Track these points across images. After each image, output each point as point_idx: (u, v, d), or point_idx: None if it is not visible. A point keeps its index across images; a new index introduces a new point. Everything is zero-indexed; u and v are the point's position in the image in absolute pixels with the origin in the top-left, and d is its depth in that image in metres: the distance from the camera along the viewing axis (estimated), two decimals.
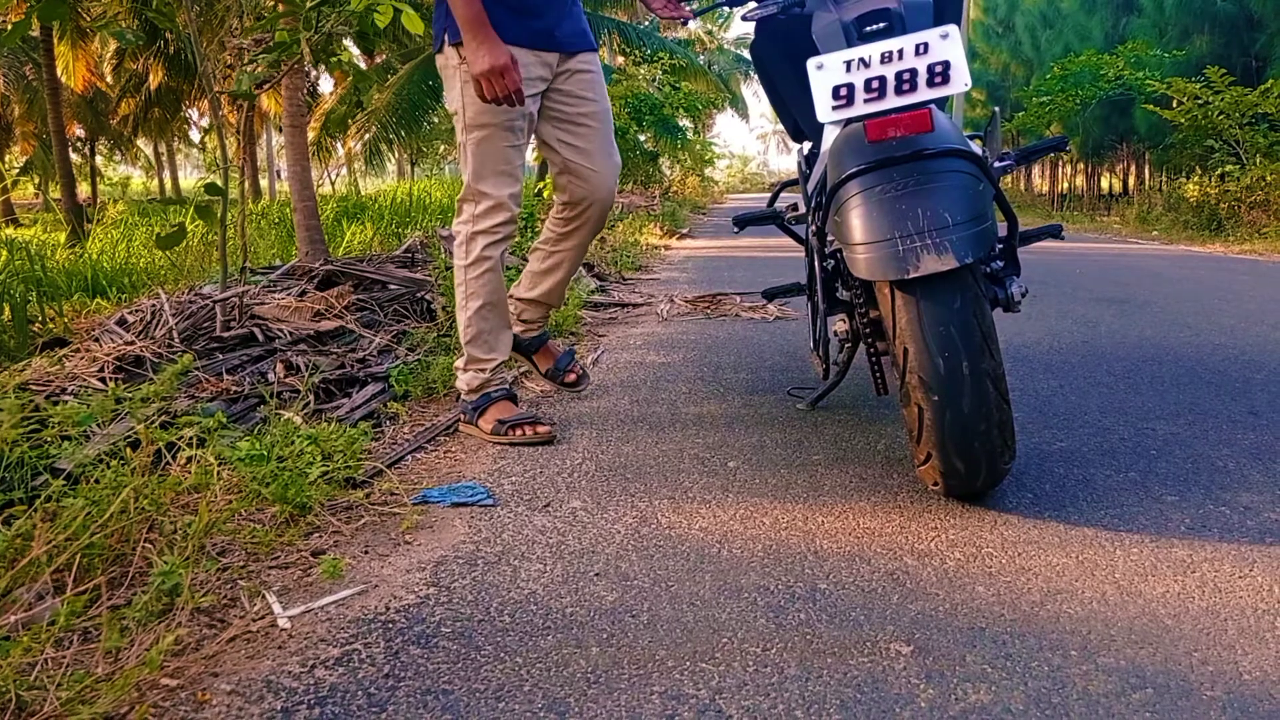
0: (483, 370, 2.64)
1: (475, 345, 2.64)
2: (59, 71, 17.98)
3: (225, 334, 3.18)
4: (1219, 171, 11.09)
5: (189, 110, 29.47)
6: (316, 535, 1.91)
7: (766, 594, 1.62)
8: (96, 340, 3.37)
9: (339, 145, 22.05)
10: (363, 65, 15.84)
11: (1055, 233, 2.57)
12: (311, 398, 2.76)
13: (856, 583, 1.66)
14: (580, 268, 6.35)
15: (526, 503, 2.11)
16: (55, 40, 17.57)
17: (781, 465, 2.34)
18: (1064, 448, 2.43)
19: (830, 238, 2.03)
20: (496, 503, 2.10)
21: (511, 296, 2.86)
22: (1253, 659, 1.38)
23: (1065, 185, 31.29)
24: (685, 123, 21.35)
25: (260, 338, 3.30)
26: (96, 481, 1.74)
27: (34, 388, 2.46)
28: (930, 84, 1.78)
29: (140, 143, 32.20)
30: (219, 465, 1.93)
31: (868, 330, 2.09)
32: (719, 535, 1.89)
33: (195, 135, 36.86)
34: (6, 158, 30.73)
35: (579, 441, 2.60)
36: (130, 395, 2.13)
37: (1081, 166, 26.38)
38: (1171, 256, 8.70)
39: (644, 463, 2.39)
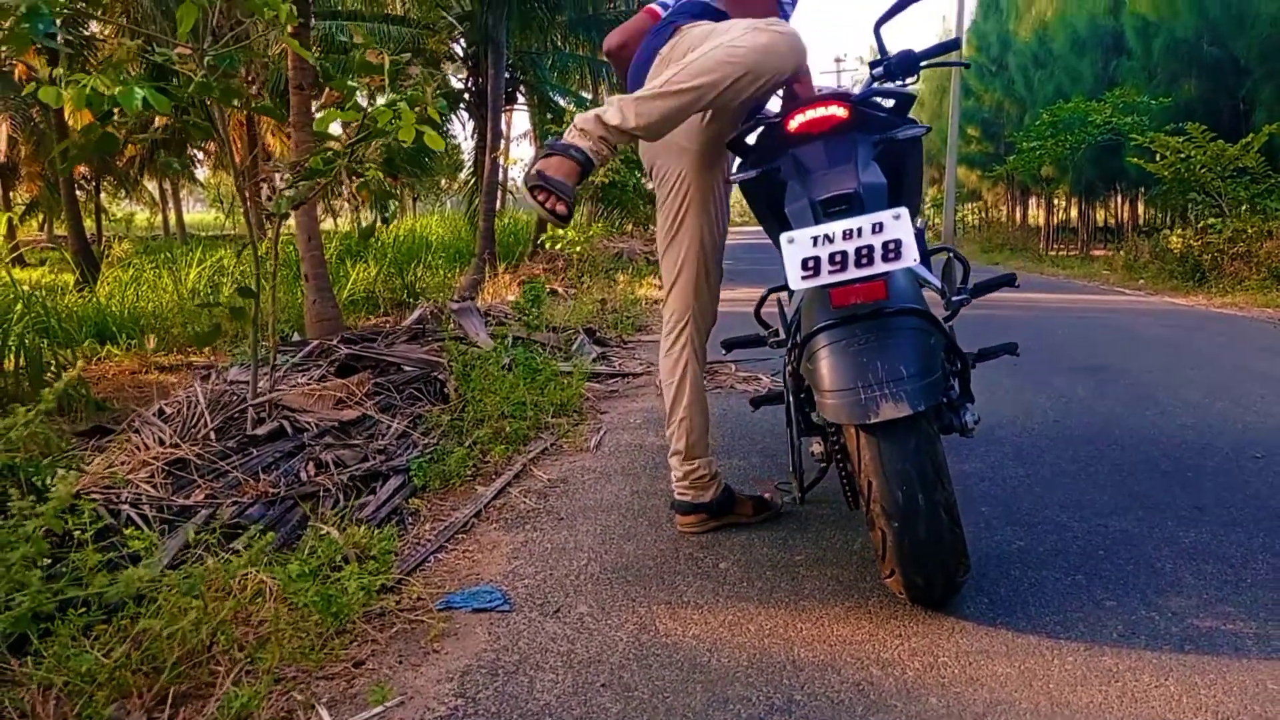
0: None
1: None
2: (66, 115, 18.42)
3: (258, 431, 3.45)
4: (1201, 224, 11.41)
5: (195, 151, 29.99)
6: (355, 645, 2.17)
7: (749, 705, 1.88)
8: (136, 432, 3.65)
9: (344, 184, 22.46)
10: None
11: (1010, 281, 2.84)
12: (341, 496, 3.03)
13: (827, 693, 1.92)
14: (582, 333, 6.66)
15: (539, 607, 2.37)
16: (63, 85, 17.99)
17: (767, 566, 2.61)
18: (1021, 548, 2.69)
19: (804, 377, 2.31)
20: (512, 607, 2.37)
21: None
22: None
23: (1060, 216, 31.76)
24: None
25: (289, 430, 3.58)
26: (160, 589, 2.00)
27: (94, 495, 2.73)
28: (885, 259, 2.07)
29: (146, 181, 32.65)
30: (268, 576, 2.20)
31: (839, 454, 2.37)
32: (710, 643, 2.16)
33: (201, 174, 37.36)
34: (13, 197, 31.19)
35: (585, 539, 2.87)
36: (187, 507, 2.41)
37: (1075, 201, 26.80)
38: (1154, 312, 8.99)
39: (643, 563, 2.65)
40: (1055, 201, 29.74)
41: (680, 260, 2.81)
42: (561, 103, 20.97)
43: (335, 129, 4.11)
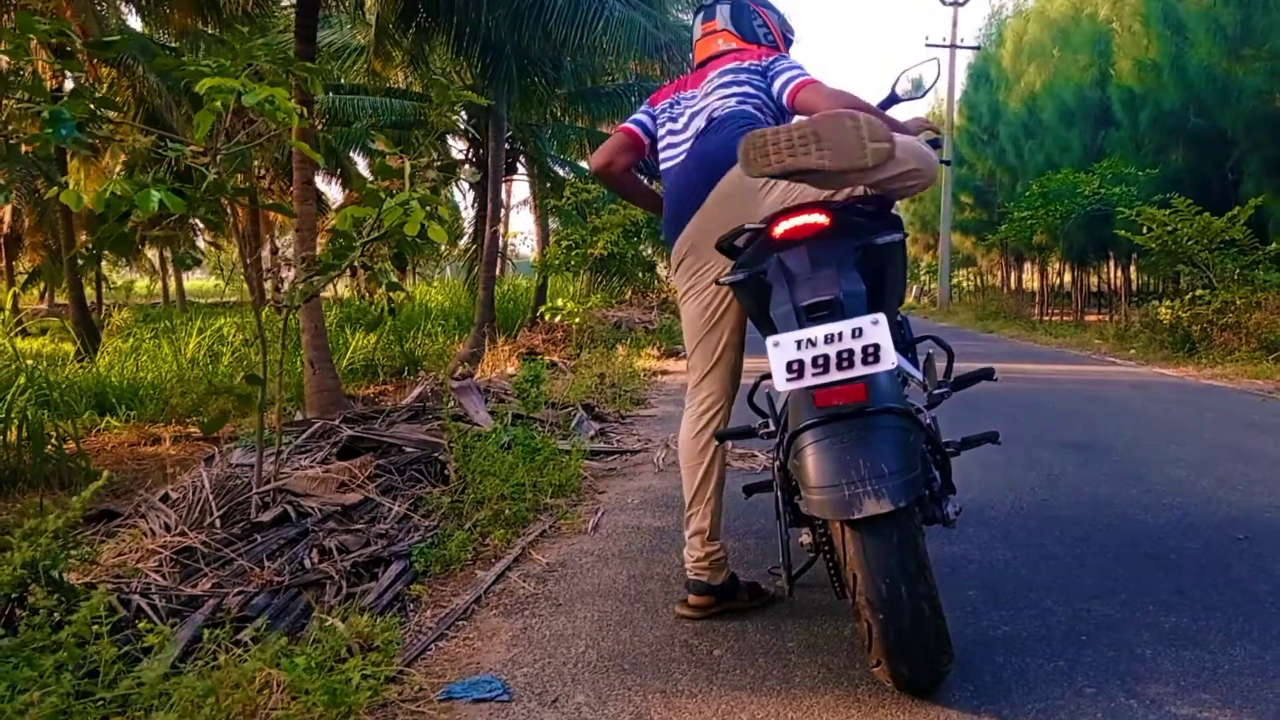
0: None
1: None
2: (71, 186, 18.70)
3: (263, 517, 3.54)
4: (1189, 295, 11.59)
5: (195, 219, 30.37)
6: None
7: None
8: (143, 517, 3.73)
9: None
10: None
11: (988, 376, 2.94)
12: (344, 583, 3.11)
13: None
14: (581, 409, 6.76)
15: (538, 697, 2.44)
16: (69, 157, 18.34)
17: (760, 653, 2.69)
18: (1007, 633, 2.77)
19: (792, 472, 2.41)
20: (511, 697, 2.44)
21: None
22: None
23: (1055, 281, 32.12)
24: None
25: (293, 515, 3.66)
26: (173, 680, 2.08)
27: (105, 583, 2.81)
28: (864, 362, 2.18)
29: (146, 249, 32.96)
30: (275, 669, 2.27)
31: (826, 546, 2.46)
32: None
33: (201, 242, 37.72)
34: (15, 266, 31.50)
35: (583, 625, 2.94)
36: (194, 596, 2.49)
37: (1069, 266, 27.12)
38: (1143, 384, 9.12)
39: (640, 651, 2.73)
40: (1049, 266, 30.10)
41: (720, 347, 2.97)
42: (561, 172, 21.34)
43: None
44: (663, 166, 3.04)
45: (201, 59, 3.12)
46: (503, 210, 22.00)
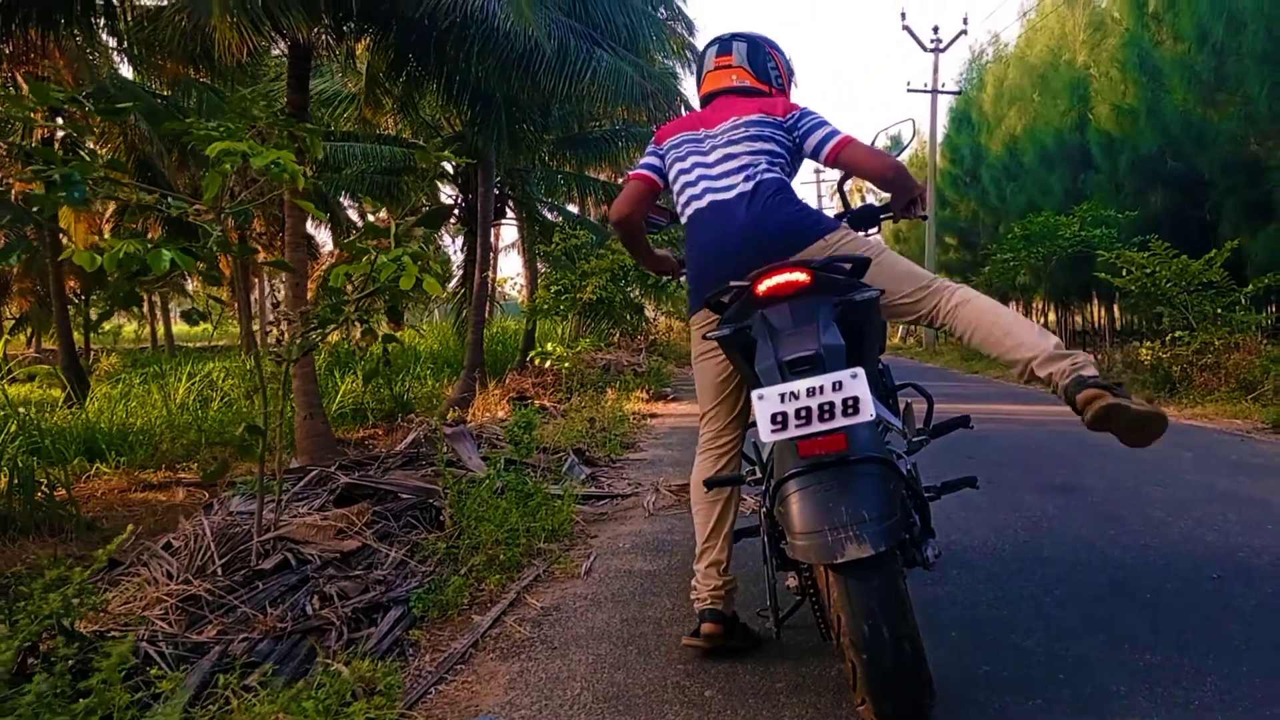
0: None
1: None
2: (61, 222, 18.77)
3: (264, 565, 3.63)
4: (1169, 336, 11.79)
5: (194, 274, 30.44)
6: None
7: None
8: (145, 565, 3.82)
9: None
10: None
11: (964, 423, 3.05)
12: (345, 629, 3.20)
13: None
14: (572, 454, 6.86)
15: None
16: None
17: (750, 693, 2.78)
18: (988, 672, 2.87)
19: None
20: None
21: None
22: None
23: (1040, 321, 32.44)
24: None
25: (293, 563, 3.75)
26: None
27: (114, 631, 2.89)
28: (844, 414, 2.31)
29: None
30: (284, 714, 2.36)
31: (811, 589, 2.57)
32: None
33: (190, 287, 37.75)
34: (3, 312, 31.50)
35: (578, 668, 3.03)
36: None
37: (1053, 305, 27.40)
38: None
39: (633, 693, 2.82)
40: (1034, 306, 30.38)
41: (738, 398, 3.11)
42: (549, 217, 21.54)
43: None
44: (688, 205, 3.06)
45: (208, 123, 3.25)
46: (491, 254, 22.19)
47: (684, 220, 3.10)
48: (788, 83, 3.40)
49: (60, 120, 14.12)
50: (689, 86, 16.79)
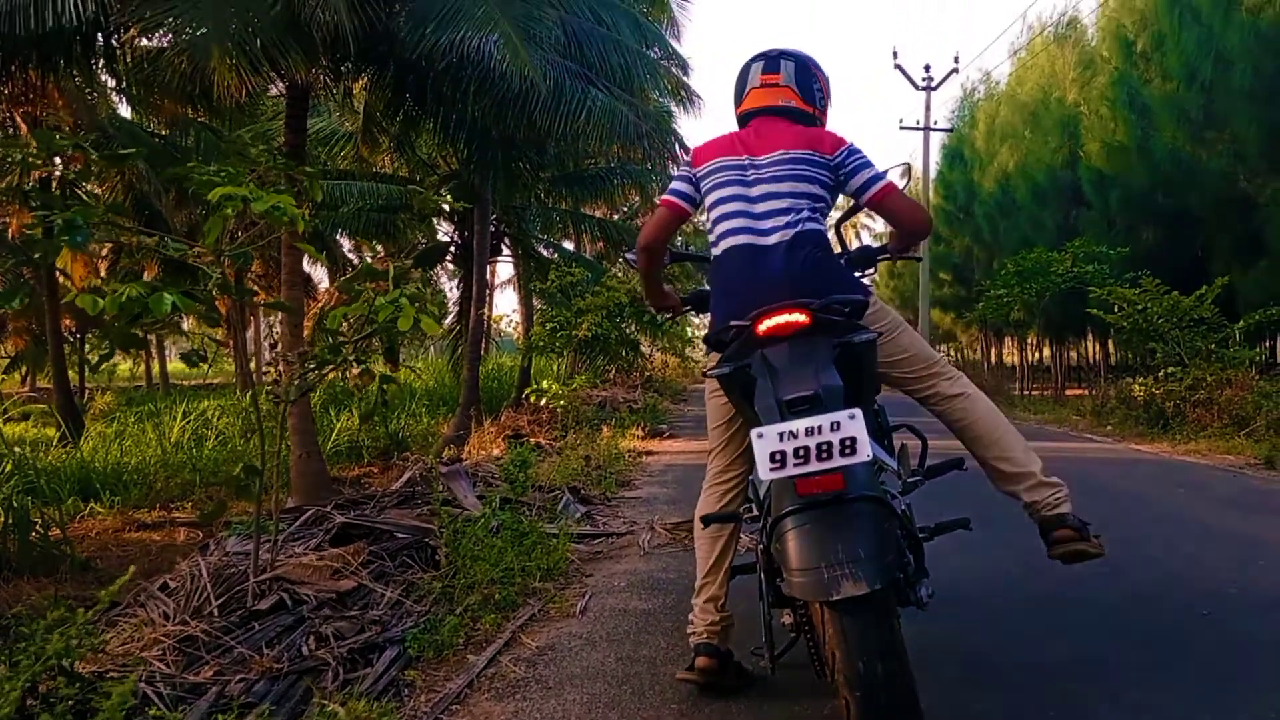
0: None
1: None
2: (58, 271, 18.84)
3: (260, 606, 3.64)
4: (1162, 372, 11.86)
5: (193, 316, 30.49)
6: None
7: None
8: (142, 606, 3.83)
9: None
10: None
11: (958, 465, 3.09)
12: (341, 669, 3.21)
13: None
14: (568, 492, 6.88)
15: None
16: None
17: None
18: (980, 710, 2.89)
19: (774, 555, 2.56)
20: None
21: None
22: None
23: (1034, 356, 32.52)
24: None
25: (289, 603, 3.76)
26: None
27: (113, 672, 2.90)
28: (841, 454, 2.34)
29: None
30: None
31: (806, 626, 2.60)
32: None
33: (185, 324, 37.77)
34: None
35: (573, 708, 3.05)
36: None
37: (1047, 340, 27.51)
38: (1119, 461, 9.31)
39: None
40: (1028, 342, 30.49)
41: (746, 436, 3.09)
42: (545, 253, 21.65)
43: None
44: (723, 239, 2.95)
45: (209, 168, 3.30)
46: (487, 291, 22.27)
47: (716, 251, 3.00)
48: (828, 104, 3.31)
49: (59, 160, 14.22)
50: (684, 125, 16.97)
